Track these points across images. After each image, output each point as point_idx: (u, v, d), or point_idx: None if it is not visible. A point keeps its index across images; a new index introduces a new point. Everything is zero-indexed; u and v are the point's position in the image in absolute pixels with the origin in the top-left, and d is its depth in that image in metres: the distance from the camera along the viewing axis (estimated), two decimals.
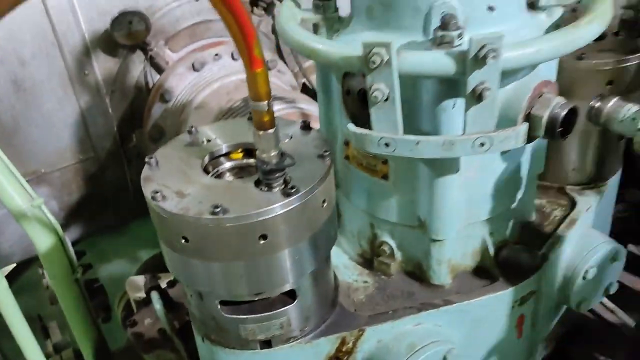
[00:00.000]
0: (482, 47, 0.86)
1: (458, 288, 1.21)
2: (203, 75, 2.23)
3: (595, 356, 1.74)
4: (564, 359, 1.66)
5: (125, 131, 2.35)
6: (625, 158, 1.52)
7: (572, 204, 1.41)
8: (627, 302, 1.82)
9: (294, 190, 0.93)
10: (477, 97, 0.90)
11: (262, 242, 0.93)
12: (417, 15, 1.00)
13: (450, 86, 0.98)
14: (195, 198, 0.94)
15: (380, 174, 1.16)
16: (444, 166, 1.06)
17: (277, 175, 0.95)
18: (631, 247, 2.27)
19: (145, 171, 1.02)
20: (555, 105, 1.01)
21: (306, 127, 1.11)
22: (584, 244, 1.32)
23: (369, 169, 1.17)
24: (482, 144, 0.94)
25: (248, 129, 1.04)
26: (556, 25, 1.08)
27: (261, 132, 0.92)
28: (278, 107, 1.99)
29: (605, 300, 1.77)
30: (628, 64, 1.22)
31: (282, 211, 0.93)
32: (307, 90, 2.64)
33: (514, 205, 1.22)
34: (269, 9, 2.43)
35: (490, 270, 1.22)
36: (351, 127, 1.00)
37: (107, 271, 2.70)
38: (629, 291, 1.86)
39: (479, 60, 0.87)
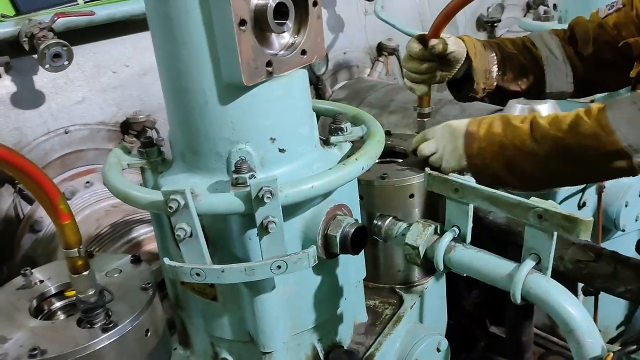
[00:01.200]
0: (260, 189, 1.03)
1: None
2: (74, 203, 2.30)
3: None
4: None
5: None
6: None
7: (400, 302, 1.57)
8: None
9: (111, 325, 1.03)
10: (264, 228, 1.06)
11: None
12: (219, 159, 1.17)
13: (251, 218, 1.13)
14: (16, 342, 1.01)
15: (210, 295, 1.27)
16: (260, 285, 1.19)
17: (96, 312, 1.04)
18: (493, 329, 2.47)
19: None
20: (346, 225, 1.19)
21: (136, 260, 1.22)
22: (410, 338, 1.47)
23: (201, 292, 1.29)
24: (279, 267, 1.09)
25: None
26: (347, 155, 1.29)
27: (76, 276, 1.02)
28: (143, 231, 2.12)
29: None
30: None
31: (101, 346, 1.01)
32: None
33: (338, 311, 1.36)
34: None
35: None
36: (166, 261, 1.12)
37: None
38: None
39: (260, 199, 1.03)
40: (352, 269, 1.38)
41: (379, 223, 1.27)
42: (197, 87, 1.12)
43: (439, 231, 1.12)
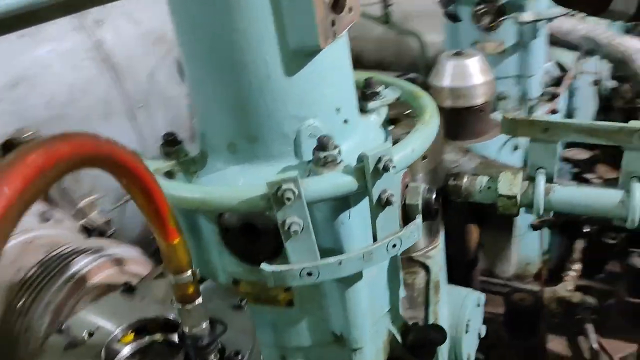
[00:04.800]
0: (379, 160, 0.91)
1: None
2: None
3: None
4: None
5: None
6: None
7: (426, 269, 1.53)
8: None
9: (239, 356, 0.83)
10: (383, 204, 0.94)
11: None
12: (285, 142, 1.01)
13: (343, 200, 1.00)
14: None
15: (283, 302, 1.11)
16: (353, 276, 1.06)
17: (212, 347, 0.84)
18: None
19: None
20: (423, 192, 1.11)
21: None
22: (454, 301, 1.44)
23: (270, 301, 1.11)
24: (394, 246, 0.98)
25: (125, 302, 0.95)
26: (385, 122, 1.20)
27: (189, 306, 0.81)
28: (84, 261, 1.78)
29: None
30: None
31: None
32: (87, 230, 2.41)
33: (400, 288, 1.28)
34: None
35: (402, 357, 1.25)
36: (266, 267, 0.95)
37: None
38: None
39: (379, 172, 0.91)
40: None
41: (457, 182, 1.21)
42: (258, 58, 0.95)
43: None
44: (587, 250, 2.80)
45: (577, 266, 2.68)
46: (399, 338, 1.25)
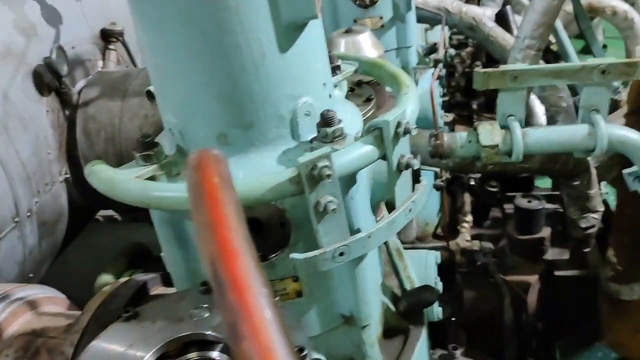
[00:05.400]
0: (398, 124, 0.89)
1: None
2: None
3: None
4: None
5: None
6: None
7: None
8: None
9: (305, 352, 0.78)
10: (401, 170, 0.93)
11: None
12: (281, 124, 0.96)
13: (352, 174, 0.97)
14: None
15: (293, 294, 1.05)
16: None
17: None
18: None
19: None
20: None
21: (208, 290, 0.92)
22: (417, 263, 1.48)
23: (279, 296, 1.05)
24: (410, 210, 0.98)
25: (137, 328, 0.87)
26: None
27: None
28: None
29: None
30: None
31: None
32: None
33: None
34: None
35: (397, 326, 1.26)
36: (296, 255, 0.88)
37: None
38: None
39: (399, 137, 0.90)
40: None
41: (438, 142, 1.21)
42: (252, 37, 0.88)
43: None
44: (473, 202, 3.05)
45: (469, 217, 2.91)
46: (392, 308, 1.25)
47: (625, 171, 1.21)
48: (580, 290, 2.54)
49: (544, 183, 3.47)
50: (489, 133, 1.10)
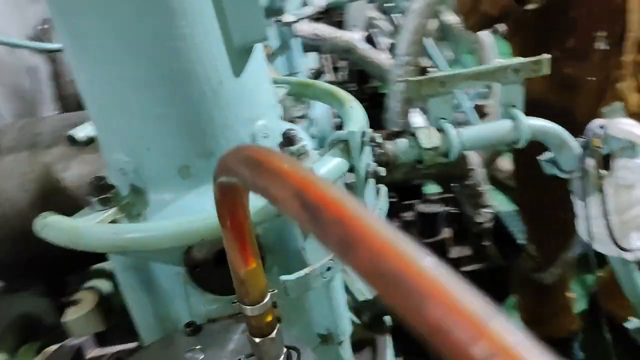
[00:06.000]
0: (363, 134, 0.92)
1: None
2: None
3: None
4: None
5: None
6: None
7: None
8: None
9: None
10: (368, 178, 0.95)
11: None
12: None
13: None
14: None
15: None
16: None
17: None
18: None
19: None
20: None
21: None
22: None
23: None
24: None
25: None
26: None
27: (268, 338, 0.71)
28: None
29: None
30: None
31: None
32: None
33: None
34: None
35: (364, 338, 1.27)
36: (286, 277, 0.87)
37: None
38: None
39: (363, 147, 0.93)
40: None
41: (381, 151, 1.22)
42: (209, 64, 0.86)
43: None
44: None
45: None
46: (356, 320, 1.26)
47: (541, 158, 1.34)
48: (484, 282, 2.72)
49: (430, 189, 3.69)
50: (427, 136, 1.16)
